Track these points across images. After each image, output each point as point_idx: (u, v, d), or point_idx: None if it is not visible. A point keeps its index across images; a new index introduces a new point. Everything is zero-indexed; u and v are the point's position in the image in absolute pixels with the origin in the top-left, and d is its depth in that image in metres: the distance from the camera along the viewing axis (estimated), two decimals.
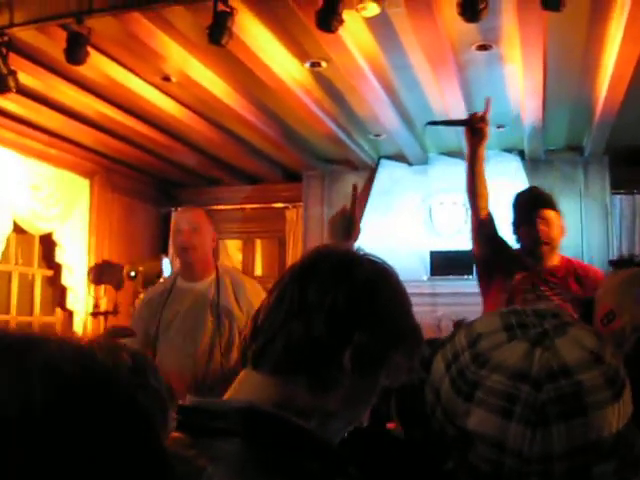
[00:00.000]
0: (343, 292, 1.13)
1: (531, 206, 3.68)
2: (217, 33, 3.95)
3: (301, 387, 1.10)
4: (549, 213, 3.64)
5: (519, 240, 3.73)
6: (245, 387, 1.15)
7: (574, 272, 3.67)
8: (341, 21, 3.80)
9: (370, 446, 1.91)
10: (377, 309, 1.16)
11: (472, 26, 4.31)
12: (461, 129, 4.35)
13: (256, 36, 4.66)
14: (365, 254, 1.23)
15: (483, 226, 3.68)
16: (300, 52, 5.00)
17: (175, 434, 1.10)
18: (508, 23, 4.46)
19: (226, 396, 1.16)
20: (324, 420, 1.11)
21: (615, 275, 1.48)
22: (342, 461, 1.07)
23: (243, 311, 3.60)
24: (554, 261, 3.71)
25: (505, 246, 3.77)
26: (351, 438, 1.23)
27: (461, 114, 5.88)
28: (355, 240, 2.97)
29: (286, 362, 1.11)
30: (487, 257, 3.76)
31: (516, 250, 3.78)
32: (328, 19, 3.76)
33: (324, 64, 5.16)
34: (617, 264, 1.51)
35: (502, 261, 3.71)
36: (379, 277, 1.20)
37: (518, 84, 5.47)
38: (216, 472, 0.98)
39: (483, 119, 3.46)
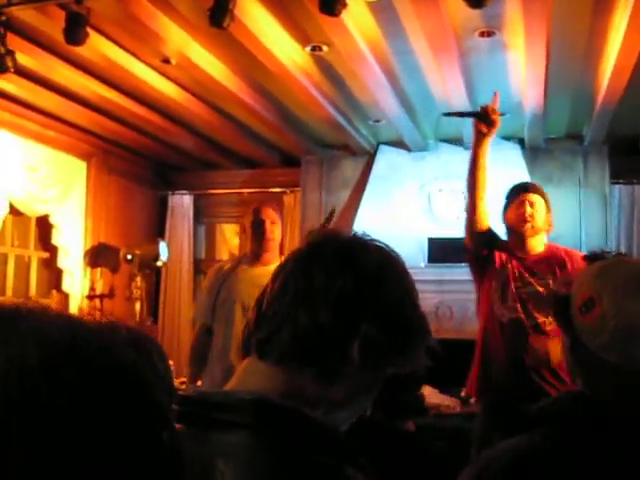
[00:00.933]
0: (350, 278, 1.11)
1: (521, 188, 3.90)
2: (218, 15, 3.90)
3: (307, 377, 1.09)
4: (534, 197, 3.89)
5: (506, 224, 3.92)
6: (250, 377, 1.13)
7: (561, 259, 3.83)
8: (344, 4, 3.76)
9: (377, 435, 1.92)
10: (385, 296, 1.14)
11: (475, 12, 4.27)
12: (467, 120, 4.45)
13: (257, 19, 4.61)
14: (371, 239, 1.22)
15: (481, 220, 3.83)
16: (301, 36, 4.95)
17: (177, 426, 1.08)
18: (512, 10, 4.42)
19: (230, 385, 1.14)
20: (330, 410, 1.10)
21: (590, 266, 1.48)
22: (352, 452, 1.05)
23: None
24: (539, 249, 3.88)
25: (496, 236, 3.90)
26: (357, 427, 1.21)
27: (462, 101, 5.87)
28: None
29: (293, 352, 1.09)
30: (481, 249, 3.88)
31: (504, 241, 3.91)
32: (331, 2, 3.72)
33: (325, 48, 5.11)
34: (591, 259, 1.51)
35: (495, 249, 3.83)
36: (386, 263, 1.18)
37: (520, 72, 5.44)
38: (228, 468, 0.96)
39: (495, 111, 3.62)
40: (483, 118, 3.64)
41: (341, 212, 7.88)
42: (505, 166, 7.10)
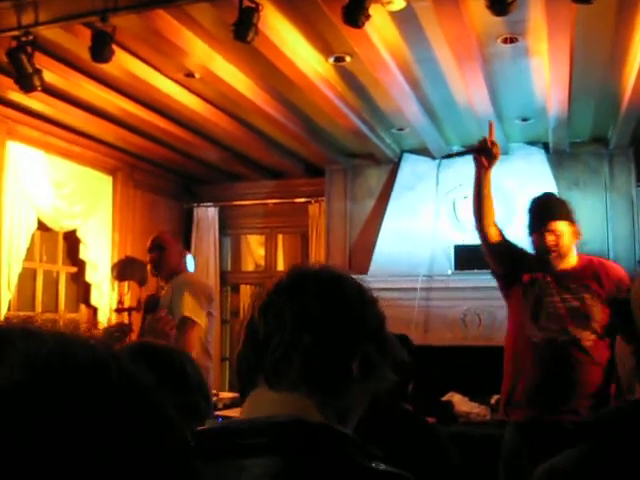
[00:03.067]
0: (339, 303, 1.24)
1: (541, 216, 3.81)
2: (243, 30, 3.92)
3: (320, 396, 1.17)
4: (558, 224, 3.75)
5: (533, 244, 3.84)
6: (263, 406, 1.20)
7: (594, 272, 3.73)
8: (368, 16, 3.77)
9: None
10: (369, 317, 1.26)
11: (498, 19, 4.26)
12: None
13: (280, 31, 4.64)
14: (342, 270, 1.34)
15: (495, 245, 3.80)
16: (324, 47, 4.98)
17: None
18: (535, 15, 4.42)
19: (242, 416, 1.20)
20: (341, 422, 1.19)
21: None
22: (380, 458, 1.13)
23: None
24: (572, 263, 3.78)
25: (521, 253, 3.84)
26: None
27: (486, 107, 5.86)
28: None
29: (305, 377, 1.18)
30: (505, 271, 3.83)
31: (534, 256, 3.85)
32: (355, 14, 3.73)
33: (348, 59, 5.13)
34: None
35: (522, 269, 3.78)
36: (362, 289, 1.31)
37: (544, 76, 5.42)
38: None
39: (494, 143, 3.63)
40: (483, 152, 3.68)
41: (366, 221, 7.88)
42: (530, 171, 7.08)
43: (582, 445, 1.33)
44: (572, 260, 3.77)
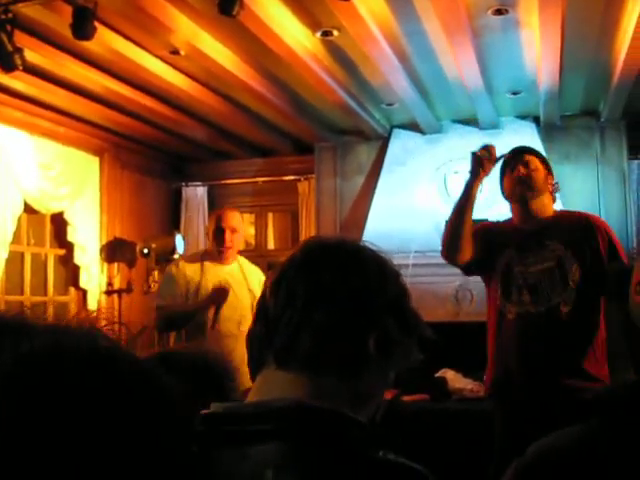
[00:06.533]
0: (357, 276, 1.15)
1: (513, 153, 3.58)
2: (228, 3, 3.84)
3: (333, 378, 1.10)
4: (532, 159, 3.51)
5: (506, 198, 3.58)
6: (273, 387, 1.12)
7: (573, 222, 3.44)
8: None
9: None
10: (390, 290, 1.17)
11: None
12: None
13: (266, 5, 4.55)
14: (360, 241, 1.25)
15: (471, 260, 3.54)
16: (311, 21, 4.89)
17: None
18: None
19: (251, 398, 1.13)
20: (354, 408, 1.10)
21: None
22: (394, 446, 1.06)
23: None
24: (546, 213, 3.48)
25: (494, 233, 3.60)
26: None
27: (476, 81, 5.80)
28: None
29: (316, 357, 1.10)
30: (483, 266, 3.60)
31: (500, 226, 3.64)
32: None
33: (336, 33, 5.05)
34: None
35: (495, 248, 3.51)
36: (382, 261, 1.21)
37: (534, 49, 5.35)
38: (279, 476, 0.95)
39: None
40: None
41: (356, 198, 7.82)
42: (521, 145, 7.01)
43: (582, 424, 1.28)
44: (547, 211, 3.47)
